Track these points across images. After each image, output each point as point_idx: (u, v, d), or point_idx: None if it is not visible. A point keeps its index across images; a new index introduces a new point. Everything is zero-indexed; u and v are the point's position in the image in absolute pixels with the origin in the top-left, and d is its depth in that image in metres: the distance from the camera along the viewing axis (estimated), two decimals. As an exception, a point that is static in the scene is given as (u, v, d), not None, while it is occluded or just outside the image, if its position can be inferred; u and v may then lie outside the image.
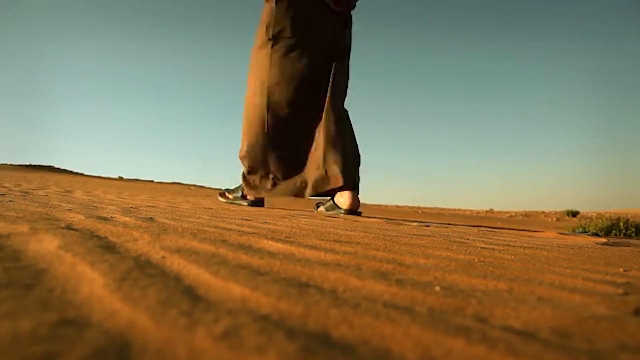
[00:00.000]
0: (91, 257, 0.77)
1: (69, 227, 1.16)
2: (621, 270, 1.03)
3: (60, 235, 1.00)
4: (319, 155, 2.45)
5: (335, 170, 2.43)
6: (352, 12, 2.56)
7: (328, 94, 2.45)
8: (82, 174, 15.77)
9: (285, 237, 1.26)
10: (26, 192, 2.96)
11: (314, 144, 2.49)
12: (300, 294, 0.60)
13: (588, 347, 0.45)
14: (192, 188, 14.00)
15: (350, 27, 2.54)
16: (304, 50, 2.35)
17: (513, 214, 17.22)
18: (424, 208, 18.93)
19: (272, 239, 1.19)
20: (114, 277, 0.63)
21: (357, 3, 2.53)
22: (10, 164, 15.20)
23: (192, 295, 0.57)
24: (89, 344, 0.40)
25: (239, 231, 1.34)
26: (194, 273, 0.70)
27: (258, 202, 2.87)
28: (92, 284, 0.60)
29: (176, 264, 0.76)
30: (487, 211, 19.92)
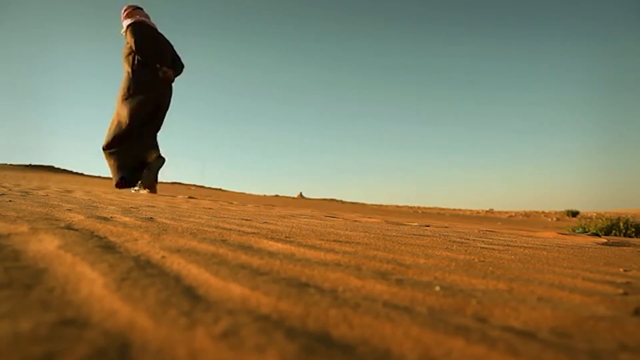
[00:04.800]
0: (91, 257, 0.77)
1: (69, 227, 1.16)
2: (621, 270, 1.03)
3: (60, 235, 1.00)
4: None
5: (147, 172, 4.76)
6: (173, 84, 4.98)
7: (151, 124, 4.76)
8: (82, 174, 15.78)
9: (285, 237, 1.26)
10: (26, 192, 2.96)
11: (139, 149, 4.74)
12: (300, 294, 0.60)
13: (588, 347, 0.45)
14: (193, 188, 13.99)
15: (171, 92, 4.90)
16: (140, 99, 4.61)
17: (513, 214, 17.22)
18: (424, 208, 18.94)
19: (272, 239, 1.19)
20: (113, 277, 0.63)
21: (176, 79, 5.05)
22: (10, 164, 15.20)
23: (192, 295, 0.57)
24: (89, 344, 0.40)
25: (239, 231, 1.34)
26: (194, 273, 0.70)
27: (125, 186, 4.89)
28: (92, 284, 0.60)
29: (176, 264, 0.76)
30: (487, 211, 19.93)
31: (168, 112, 4.89)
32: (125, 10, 4.80)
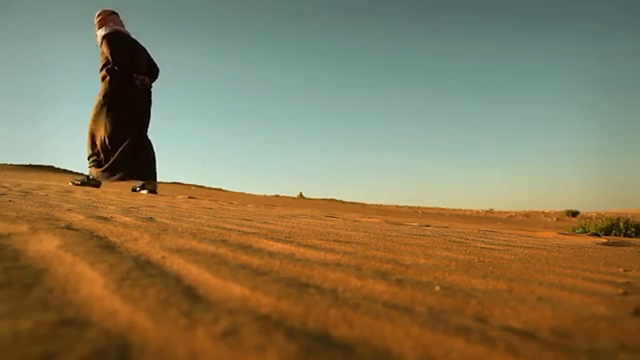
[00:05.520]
0: (91, 257, 0.77)
1: (69, 227, 1.16)
2: (621, 270, 1.03)
3: (60, 235, 1.00)
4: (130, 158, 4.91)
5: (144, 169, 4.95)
6: (152, 89, 5.19)
7: (138, 126, 4.92)
8: (82, 174, 15.76)
9: (285, 237, 1.26)
10: (26, 192, 2.95)
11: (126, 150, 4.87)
12: (300, 294, 0.60)
13: (588, 347, 0.45)
14: (193, 188, 13.99)
15: (150, 96, 5.05)
16: (118, 109, 4.77)
17: (513, 214, 17.22)
18: (424, 208, 18.94)
19: (272, 239, 1.19)
20: (113, 277, 0.63)
21: (153, 83, 5.20)
22: (10, 164, 15.20)
23: (192, 295, 0.57)
24: (89, 344, 0.40)
25: (239, 231, 1.34)
26: (194, 273, 0.70)
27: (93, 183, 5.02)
28: (92, 284, 0.60)
29: (176, 263, 0.76)
30: (487, 211, 19.92)
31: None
32: (98, 16, 4.77)
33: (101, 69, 4.84)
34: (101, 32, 4.76)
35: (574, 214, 15.67)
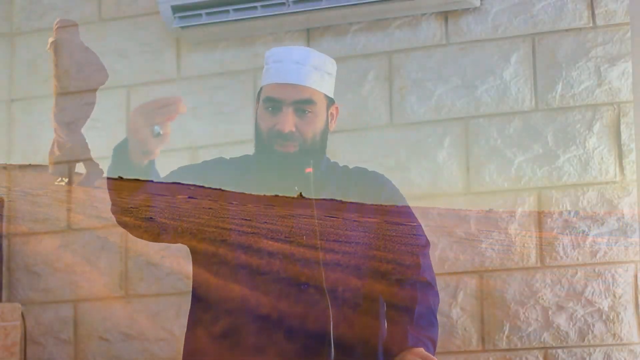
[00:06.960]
0: (91, 257, 0.77)
1: (69, 227, 1.16)
2: (621, 270, 1.03)
3: (60, 235, 1.00)
4: None
5: None
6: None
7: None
8: (82, 174, 15.77)
9: (285, 237, 1.26)
10: (26, 192, 2.96)
11: None
12: (300, 293, 0.60)
13: (587, 347, 0.45)
14: (192, 188, 14.00)
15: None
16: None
17: (513, 214, 17.25)
18: (424, 208, 18.97)
19: (272, 239, 1.19)
20: (113, 277, 0.63)
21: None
22: (10, 164, 15.22)
23: (191, 295, 0.57)
24: (89, 343, 0.40)
25: (239, 231, 1.34)
26: (194, 273, 0.70)
27: None
28: (92, 284, 0.60)
29: (176, 264, 0.76)
30: (487, 211, 19.97)
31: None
32: (56, 24, 5.05)
33: (54, 76, 5.06)
34: (50, 40, 4.91)
35: (575, 213, 15.73)
